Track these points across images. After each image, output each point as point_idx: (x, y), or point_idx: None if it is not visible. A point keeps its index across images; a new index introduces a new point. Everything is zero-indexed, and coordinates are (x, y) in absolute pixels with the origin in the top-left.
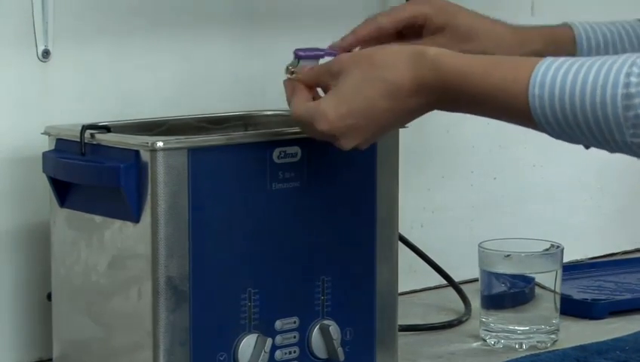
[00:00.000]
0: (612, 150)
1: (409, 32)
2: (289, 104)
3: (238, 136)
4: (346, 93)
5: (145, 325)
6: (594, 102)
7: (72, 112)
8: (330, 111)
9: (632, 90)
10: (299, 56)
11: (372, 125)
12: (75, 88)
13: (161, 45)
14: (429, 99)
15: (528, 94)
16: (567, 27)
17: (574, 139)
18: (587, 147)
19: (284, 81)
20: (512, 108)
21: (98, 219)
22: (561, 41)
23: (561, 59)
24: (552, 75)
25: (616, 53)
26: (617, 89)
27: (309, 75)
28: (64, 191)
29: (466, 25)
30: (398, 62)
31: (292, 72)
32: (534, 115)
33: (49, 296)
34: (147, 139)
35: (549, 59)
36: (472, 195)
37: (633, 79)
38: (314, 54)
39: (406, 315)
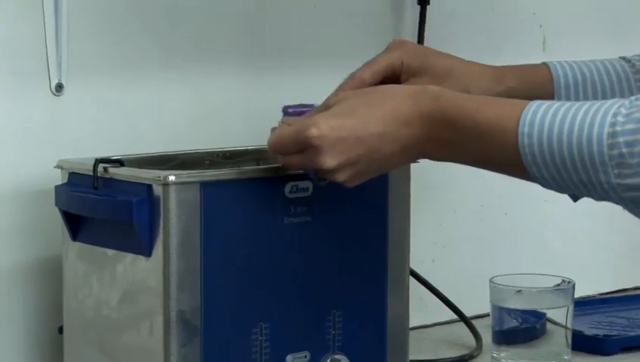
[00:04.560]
0: (598, 195)
1: (388, 80)
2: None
3: (250, 170)
4: (341, 111)
5: (156, 359)
6: (580, 141)
7: (85, 146)
8: (322, 120)
9: (618, 128)
10: (288, 113)
11: (360, 147)
12: (88, 122)
13: (173, 80)
14: (424, 131)
15: (518, 132)
16: (544, 66)
17: (561, 183)
18: (575, 199)
19: (272, 128)
20: (503, 145)
21: (110, 252)
22: (538, 80)
23: (551, 101)
24: (541, 115)
25: (594, 90)
26: (604, 128)
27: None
28: (76, 225)
29: (443, 65)
30: (400, 93)
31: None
32: (523, 156)
33: (60, 330)
34: (159, 173)
35: (538, 101)
36: (483, 230)
37: (620, 119)
38: (301, 110)
39: (417, 350)
